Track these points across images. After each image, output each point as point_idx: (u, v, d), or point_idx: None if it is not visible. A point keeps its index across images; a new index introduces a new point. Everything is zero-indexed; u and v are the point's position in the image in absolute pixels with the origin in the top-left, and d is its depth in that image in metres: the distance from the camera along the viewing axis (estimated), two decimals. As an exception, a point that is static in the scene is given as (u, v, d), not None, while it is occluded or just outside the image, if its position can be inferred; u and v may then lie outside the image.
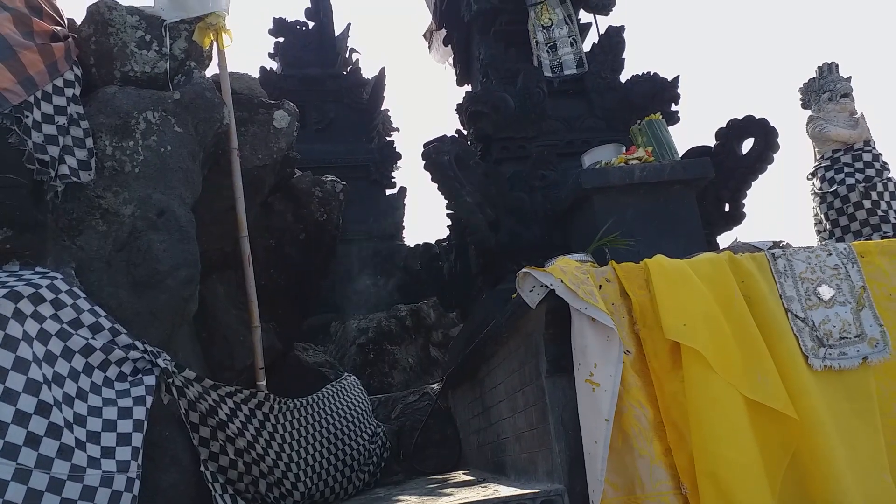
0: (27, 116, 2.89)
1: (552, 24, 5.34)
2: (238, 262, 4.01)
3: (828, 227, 5.59)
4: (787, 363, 2.85)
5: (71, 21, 3.76)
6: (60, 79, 3.18)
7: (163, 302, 3.35)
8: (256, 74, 9.07)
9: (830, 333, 2.96)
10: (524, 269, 3.00)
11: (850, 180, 5.50)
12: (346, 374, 5.40)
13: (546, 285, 2.88)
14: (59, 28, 3.36)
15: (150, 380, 2.89)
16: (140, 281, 3.28)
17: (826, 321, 2.99)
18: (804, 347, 2.93)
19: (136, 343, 2.97)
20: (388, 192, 10.53)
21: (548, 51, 5.34)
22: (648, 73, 5.16)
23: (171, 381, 3.05)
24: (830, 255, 3.10)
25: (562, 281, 2.85)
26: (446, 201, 5.20)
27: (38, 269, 2.87)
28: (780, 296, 3.03)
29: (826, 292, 3.05)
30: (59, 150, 3.01)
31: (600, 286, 2.97)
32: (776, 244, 3.40)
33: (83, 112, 3.25)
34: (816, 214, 5.76)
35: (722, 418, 2.68)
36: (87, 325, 2.83)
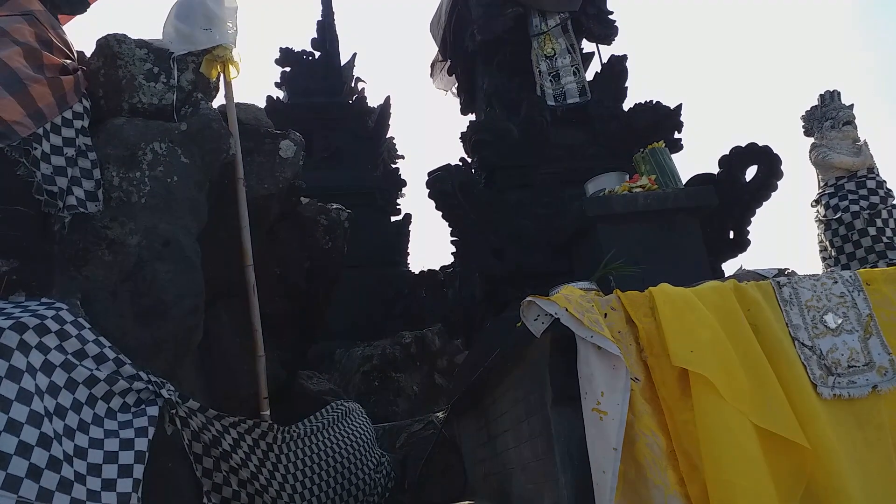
0: (36, 148, 2.92)
1: (555, 54, 5.40)
2: (243, 291, 4.02)
3: (833, 253, 5.58)
4: (796, 391, 2.83)
5: (81, 54, 3.81)
6: (69, 111, 3.22)
7: (167, 332, 3.35)
8: (263, 103, 9.16)
9: (839, 362, 2.94)
10: (528, 298, 2.99)
11: (855, 207, 5.50)
12: (348, 401, 5.37)
13: (551, 314, 2.87)
14: (68, 61, 3.41)
15: (153, 410, 2.88)
16: (145, 311, 3.28)
17: (834, 349, 2.97)
18: (812, 376, 2.90)
19: (141, 373, 2.96)
20: (394, 218, 10.56)
21: (551, 80, 5.39)
22: (651, 101, 5.20)
23: (174, 411, 3.04)
24: (836, 282, 3.09)
25: (566, 309, 2.84)
26: (451, 229, 5.22)
27: (44, 299, 2.88)
28: (787, 324, 3.01)
29: (833, 320, 3.03)
30: (67, 182, 3.04)
31: (606, 314, 2.96)
32: (781, 272, 3.39)
33: (91, 143, 3.29)
34: (822, 241, 5.75)
35: (734, 447, 2.65)
36: (91, 355, 2.83)
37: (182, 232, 3.43)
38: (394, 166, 11.24)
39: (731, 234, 4.69)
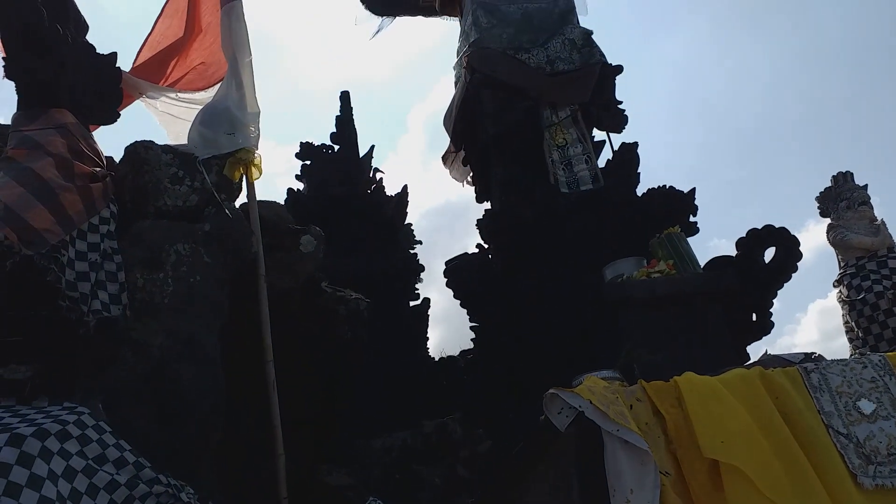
0: (63, 255, 3.00)
1: (566, 144, 5.53)
2: (263, 387, 4.00)
3: (860, 334, 5.48)
4: (835, 482, 2.73)
5: (110, 159, 3.97)
6: (97, 216, 3.33)
7: (188, 432, 3.33)
8: (284, 195, 9.39)
9: (877, 450, 2.84)
10: (551, 391, 2.95)
11: (878, 287, 5.44)
12: (371, 498, 5.22)
13: (575, 407, 2.82)
14: (98, 169, 3.55)
15: (171, 515, 2.83)
16: (167, 412, 3.28)
17: (871, 437, 2.88)
18: (851, 465, 2.80)
19: (160, 477, 2.93)
20: (412, 303, 10.56)
21: (563, 168, 5.51)
22: (664, 186, 5.28)
23: (193, 515, 2.98)
24: (865, 367, 3.02)
25: (591, 402, 2.79)
26: (469, 316, 5.22)
27: (66, 404, 2.88)
28: (819, 411, 2.93)
29: (867, 406, 2.95)
30: (91, 286, 3.10)
31: (631, 406, 2.90)
32: (808, 356, 3.33)
33: (117, 247, 3.38)
34: (847, 322, 5.66)
35: (772, 541, 2.54)
36: (111, 460, 2.81)
37: (203, 331, 3.47)
38: (412, 252, 11.35)
39: (754, 317, 4.64)
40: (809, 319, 29.53)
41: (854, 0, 27.63)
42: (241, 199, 4.32)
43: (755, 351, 4.36)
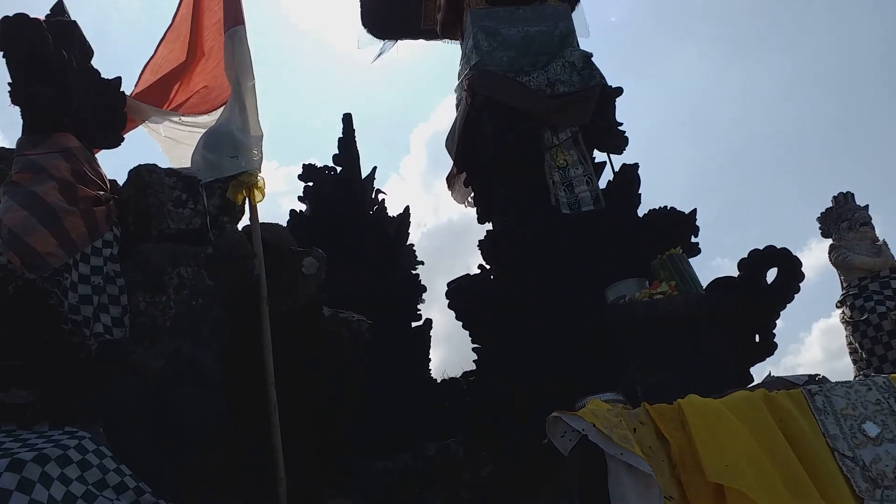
0: (66, 278, 3.01)
1: (567, 165, 5.56)
2: (264, 409, 3.98)
3: (864, 356, 5.46)
4: (842, 506, 2.70)
5: (114, 182, 3.99)
6: (100, 240, 3.34)
7: (189, 455, 3.31)
8: (287, 216, 9.43)
9: (884, 473, 2.82)
10: (554, 414, 2.93)
11: (881, 308, 5.43)
12: (373, 523, 5.17)
13: (578, 430, 2.80)
14: (101, 192, 3.57)
15: (171, 541, 2.80)
16: (167, 435, 3.26)
17: (877, 460, 2.85)
18: (858, 489, 2.78)
19: (161, 502, 2.91)
20: (414, 324, 10.53)
21: (564, 189, 5.52)
22: (665, 207, 5.29)
23: (193, 541, 2.95)
24: (870, 389, 3.01)
25: (594, 425, 2.78)
26: (471, 337, 5.20)
27: (67, 428, 2.87)
28: (824, 434, 2.91)
29: (872, 429, 2.92)
30: (94, 309, 3.10)
31: (635, 429, 2.88)
32: (811, 378, 3.31)
33: (120, 270, 3.38)
34: (851, 343, 5.64)
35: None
36: (112, 485, 2.79)
37: (205, 353, 3.46)
38: (414, 272, 11.34)
39: (757, 338, 4.62)
40: (813, 338, 29.44)
41: (846, 26, 27.95)
42: (245, 221, 4.35)
43: (759, 372, 4.34)
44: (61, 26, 3.74)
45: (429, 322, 10.55)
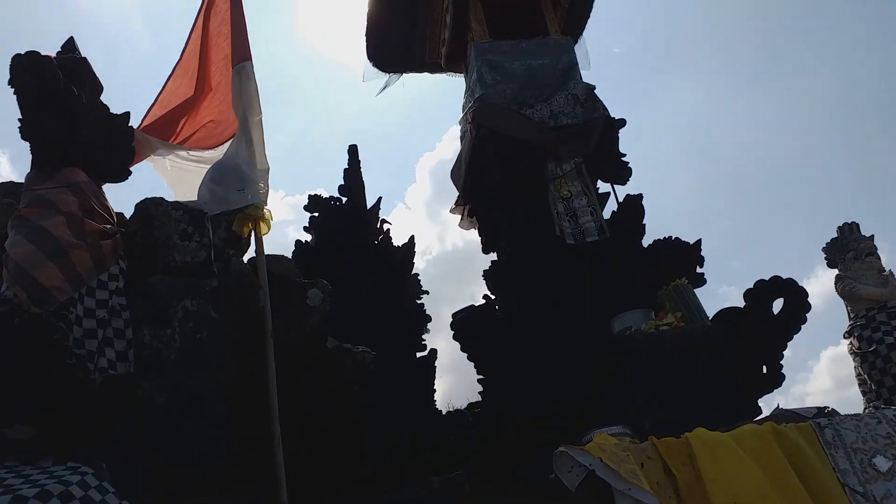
0: (72, 312, 3.02)
1: (571, 196, 5.58)
2: (268, 442, 3.95)
3: (873, 387, 5.39)
4: (854, 543, 2.65)
5: (120, 215, 4.02)
6: (106, 273, 3.35)
7: (192, 488, 3.28)
8: (292, 245, 9.46)
9: (895, 509, 2.77)
10: (561, 448, 2.90)
11: (890, 339, 5.38)
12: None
13: (585, 465, 2.77)
14: (108, 226, 3.59)
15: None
16: (171, 468, 3.24)
17: (888, 495, 2.81)
18: (869, 525, 2.73)
19: (162, 539, 2.88)
20: (419, 354, 10.48)
21: (569, 220, 5.54)
22: (670, 237, 5.28)
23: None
24: (880, 422, 2.97)
25: (601, 460, 2.75)
26: (476, 369, 5.17)
27: (70, 463, 2.85)
28: (834, 468, 2.88)
29: (883, 463, 2.89)
30: (99, 343, 3.10)
31: (642, 464, 2.85)
32: (821, 411, 3.27)
33: (125, 303, 3.39)
34: (860, 374, 5.58)
35: None
36: (114, 522, 2.76)
37: (209, 387, 3.45)
38: (418, 302, 11.32)
39: (764, 369, 4.58)
40: (822, 367, 29.15)
41: (846, 59, 28.24)
42: (250, 252, 4.36)
43: (767, 403, 4.29)
44: (72, 63, 3.80)
45: (433, 352, 10.51)
